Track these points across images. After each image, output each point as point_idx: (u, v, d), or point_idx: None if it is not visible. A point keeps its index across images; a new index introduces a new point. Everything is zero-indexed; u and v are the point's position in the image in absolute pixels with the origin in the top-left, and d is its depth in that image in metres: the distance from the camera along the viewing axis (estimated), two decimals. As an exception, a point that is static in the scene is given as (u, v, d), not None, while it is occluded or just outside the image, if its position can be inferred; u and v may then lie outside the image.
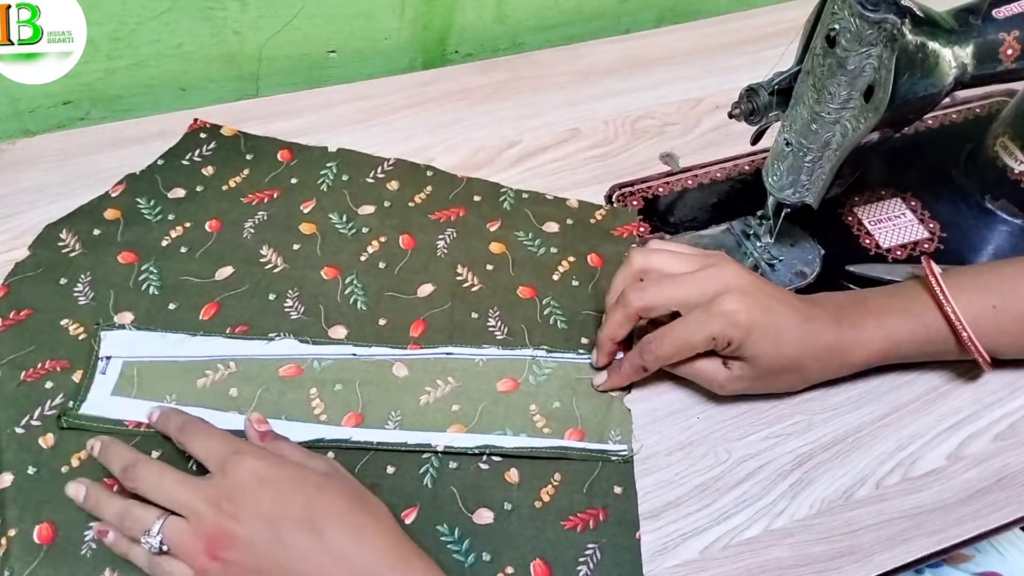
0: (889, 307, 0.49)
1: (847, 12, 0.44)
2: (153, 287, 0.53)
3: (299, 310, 0.52)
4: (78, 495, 0.42)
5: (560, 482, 0.47)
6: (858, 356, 0.49)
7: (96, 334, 0.50)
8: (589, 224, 0.60)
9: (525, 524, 0.45)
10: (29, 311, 0.50)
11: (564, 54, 0.74)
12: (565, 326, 0.54)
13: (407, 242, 0.57)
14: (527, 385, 0.51)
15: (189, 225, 0.56)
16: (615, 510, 0.46)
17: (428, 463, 0.47)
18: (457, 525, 0.45)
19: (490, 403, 0.50)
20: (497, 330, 0.53)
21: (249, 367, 0.50)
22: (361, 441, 0.47)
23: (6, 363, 0.48)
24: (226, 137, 0.62)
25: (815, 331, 0.47)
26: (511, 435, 0.48)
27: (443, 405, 0.49)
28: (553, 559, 0.44)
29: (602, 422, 0.49)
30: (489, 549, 0.44)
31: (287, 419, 0.48)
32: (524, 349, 0.52)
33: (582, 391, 0.51)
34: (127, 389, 0.48)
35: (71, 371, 0.48)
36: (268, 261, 0.55)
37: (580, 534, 0.45)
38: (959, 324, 0.47)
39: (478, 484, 0.47)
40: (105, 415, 0.47)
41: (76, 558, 0.42)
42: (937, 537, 0.47)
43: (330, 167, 0.61)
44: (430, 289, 0.55)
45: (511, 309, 0.54)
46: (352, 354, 0.51)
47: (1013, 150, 0.58)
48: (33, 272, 0.52)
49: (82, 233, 0.55)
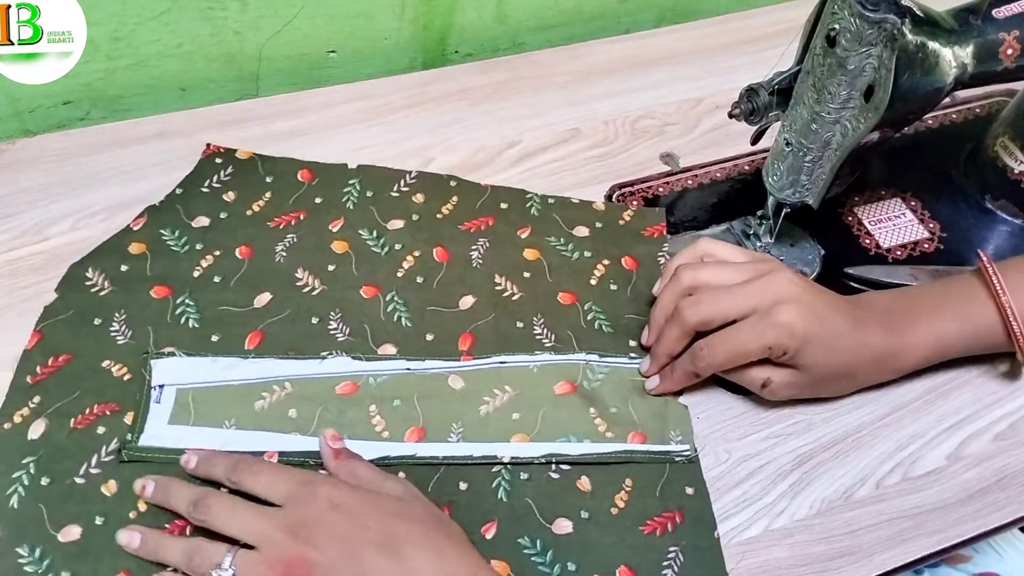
0: (939, 308, 0.49)
1: (847, 12, 0.44)
2: (192, 320, 0.52)
3: (344, 332, 0.52)
4: (131, 543, 0.42)
5: (632, 487, 0.47)
6: (908, 360, 0.50)
7: (146, 363, 0.49)
8: (618, 226, 0.60)
9: (604, 531, 0.45)
10: (68, 356, 0.49)
11: (564, 54, 0.74)
12: (611, 330, 0.54)
13: (441, 255, 0.57)
14: (583, 389, 0.50)
15: (219, 253, 0.55)
16: (690, 511, 0.46)
17: (499, 476, 0.47)
18: (538, 537, 0.45)
19: (550, 408, 0.49)
20: (545, 338, 0.53)
21: (305, 387, 0.49)
22: (427, 456, 0.47)
23: (52, 412, 0.46)
24: (242, 161, 0.61)
25: (866, 337, 0.48)
26: (575, 442, 0.48)
27: (504, 414, 0.49)
28: (637, 565, 0.44)
29: (661, 424, 0.49)
30: (573, 559, 0.44)
31: (350, 438, 0.47)
32: (576, 354, 0.52)
33: (637, 394, 0.51)
34: (184, 417, 0.47)
35: (121, 413, 0.47)
36: (305, 284, 0.54)
37: (660, 538, 0.45)
38: (1011, 316, 0.47)
39: (552, 494, 0.46)
40: (165, 445, 0.46)
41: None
42: (937, 537, 0.47)
43: (353, 184, 0.60)
44: (471, 301, 0.54)
45: (555, 316, 0.54)
46: (406, 369, 0.51)
47: (1013, 150, 0.58)
48: (64, 315, 0.51)
49: (109, 270, 0.53)
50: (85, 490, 0.44)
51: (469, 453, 0.47)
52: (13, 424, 0.46)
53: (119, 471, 0.45)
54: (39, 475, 0.44)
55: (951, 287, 0.50)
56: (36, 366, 0.49)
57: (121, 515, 0.43)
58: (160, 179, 0.60)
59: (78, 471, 0.45)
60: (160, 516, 0.44)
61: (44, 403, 0.47)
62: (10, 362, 0.49)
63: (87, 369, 0.49)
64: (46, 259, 0.55)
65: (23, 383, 0.48)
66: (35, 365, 0.49)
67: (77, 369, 0.49)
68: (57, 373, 0.48)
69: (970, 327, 0.49)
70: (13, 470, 0.44)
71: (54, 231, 0.57)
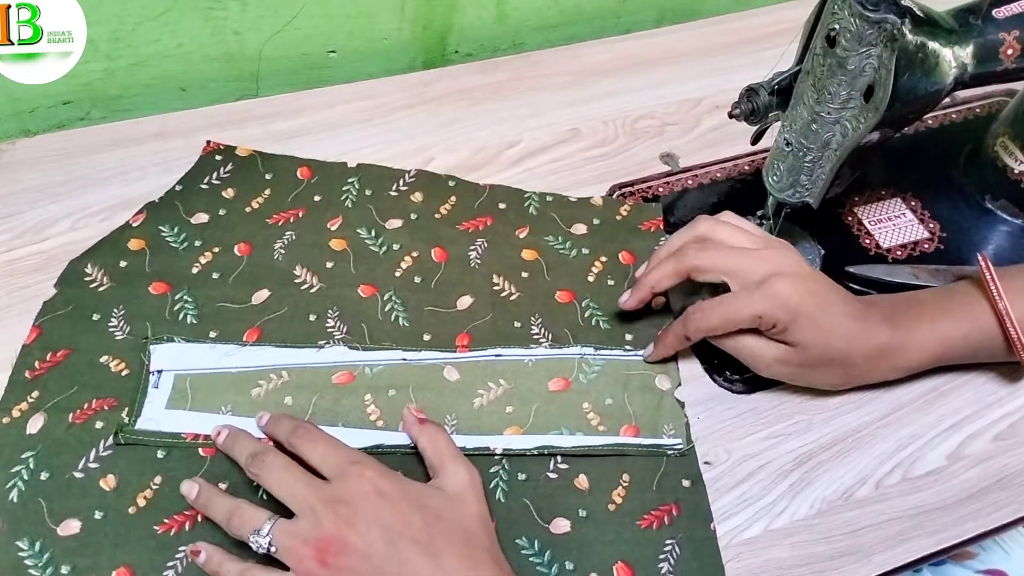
0: (944, 310, 0.49)
1: (847, 12, 0.44)
2: (190, 316, 0.52)
3: (342, 330, 0.52)
4: (191, 492, 0.43)
5: (630, 482, 0.47)
6: (908, 359, 0.49)
7: (145, 348, 0.50)
8: (616, 222, 0.60)
9: (602, 528, 0.45)
10: (66, 351, 0.49)
11: (564, 54, 0.74)
12: (608, 326, 0.54)
13: (439, 255, 0.57)
14: (578, 384, 0.51)
15: (218, 250, 0.55)
16: (687, 504, 0.46)
17: (497, 477, 0.47)
18: (536, 537, 0.45)
19: (543, 403, 0.50)
20: (542, 337, 0.53)
21: (302, 376, 0.50)
22: None
23: (51, 407, 0.47)
24: (242, 158, 0.61)
25: (868, 330, 0.47)
26: (567, 434, 0.48)
27: (497, 407, 0.49)
28: (634, 560, 0.44)
29: (655, 417, 0.50)
30: (571, 558, 0.44)
31: (344, 425, 0.48)
32: (572, 348, 0.52)
33: (633, 387, 0.51)
34: (181, 402, 0.48)
35: (119, 408, 0.47)
36: (304, 281, 0.54)
37: (656, 531, 0.45)
38: (1008, 321, 0.47)
39: (550, 494, 0.47)
40: (161, 429, 0.47)
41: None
42: (937, 537, 0.47)
43: (352, 182, 0.60)
44: (469, 301, 0.54)
45: (552, 315, 0.54)
46: (402, 359, 0.51)
47: (1013, 150, 0.58)
48: (63, 310, 0.51)
49: (108, 266, 0.54)
50: (84, 484, 0.44)
51: (462, 445, 0.47)
52: (12, 418, 0.46)
53: (118, 465, 0.45)
54: (38, 469, 0.45)
55: (955, 291, 0.50)
56: (35, 361, 0.49)
57: (120, 509, 0.44)
58: (159, 179, 0.60)
59: (77, 465, 0.45)
60: (160, 511, 0.44)
61: (43, 398, 0.47)
62: (10, 362, 0.49)
63: (86, 364, 0.49)
64: (46, 259, 0.55)
65: (22, 378, 0.48)
66: (34, 360, 0.49)
67: (76, 364, 0.49)
68: (56, 368, 0.49)
69: (975, 329, 0.48)
70: (13, 464, 0.45)
71: (54, 231, 0.57)
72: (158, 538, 0.43)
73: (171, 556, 0.42)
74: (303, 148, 0.63)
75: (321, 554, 0.38)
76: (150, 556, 0.42)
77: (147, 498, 0.44)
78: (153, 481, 0.45)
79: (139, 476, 0.45)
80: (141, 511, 0.44)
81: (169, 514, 0.44)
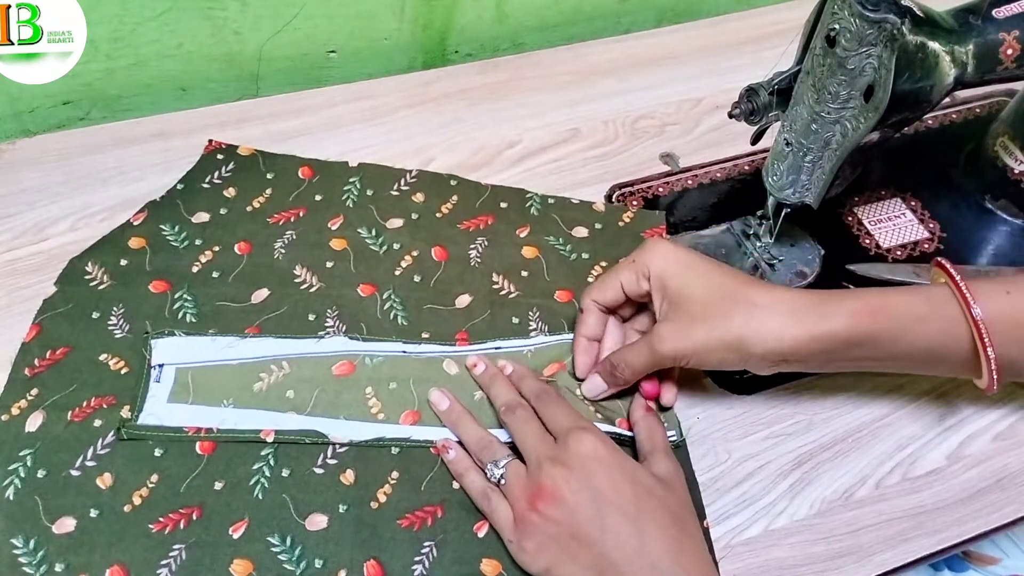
0: (889, 290, 0.45)
1: (847, 12, 0.44)
2: (190, 315, 0.52)
3: (341, 329, 0.52)
4: (440, 404, 0.48)
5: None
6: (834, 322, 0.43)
7: (146, 343, 0.50)
8: (618, 228, 0.60)
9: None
10: (66, 349, 0.49)
11: (564, 54, 0.74)
12: None
13: (439, 254, 0.57)
14: (571, 367, 0.51)
15: (218, 249, 0.55)
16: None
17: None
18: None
19: None
20: (538, 332, 0.53)
21: (303, 367, 0.50)
22: (421, 440, 0.47)
23: (50, 405, 0.47)
24: (244, 157, 0.62)
25: (746, 286, 0.44)
26: None
27: None
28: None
29: None
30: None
31: (346, 418, 0.48)
32: (569, 334, 0.52)
33: None
34: (183, 396, 0.48)
35: (118, 407, 0.47)
36: (303, 281, 0.54)
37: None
38: (969, 300, 0.42)
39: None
40: (164, 423, 0.47)
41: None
42: (937, 537, 0.47)
43: (353, 182, 0.60)
44: (468, 300, 0.54)
45: (550, 310, 0.54)
46: (403, 351, 0.51)
47: (1013, 150, 0.58)
48: (63, 308, 0.51)
49: (108, 265, 0.54)
50: (80, 482, 0.44)
51: None
52: (11, 416, 0.46)
53: (115, 463, 0.45)
54: (36, 467, 0.45)
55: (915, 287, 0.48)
56: (34, 359, 0.49)
57: (115, 507, 0.44)
58: (159, 179, 0.60)
59: (74, 463, 0.45)
60: (155, 510, 0.44)
61: (42, 395, 0.47)
62: (9, 362, 0.49)
63: (85, 362, 0.49)
64: (45, 259, 0.55)
65: (21, 375, 0.48)
66: (33, 358, 0.49)
67: (75, 362, 0.49)
68: (55, 366, 0.49)
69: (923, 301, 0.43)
70: (10, 462, 0.45)
71: (54, 231, 0.57)
72: (152, 536, 0.43)
73: (165, 554, 0.42)
74: (303, 148, 0.63)
75: (534, 500, 0.42)
76: (144, 554, 0.42)
77: (143, 496, 0.44)
78: (149, 480, 0.45)
79: (135, 474, 0.45)
80: (136, 509, 0.44)
81: (164, 512, 0.44)
